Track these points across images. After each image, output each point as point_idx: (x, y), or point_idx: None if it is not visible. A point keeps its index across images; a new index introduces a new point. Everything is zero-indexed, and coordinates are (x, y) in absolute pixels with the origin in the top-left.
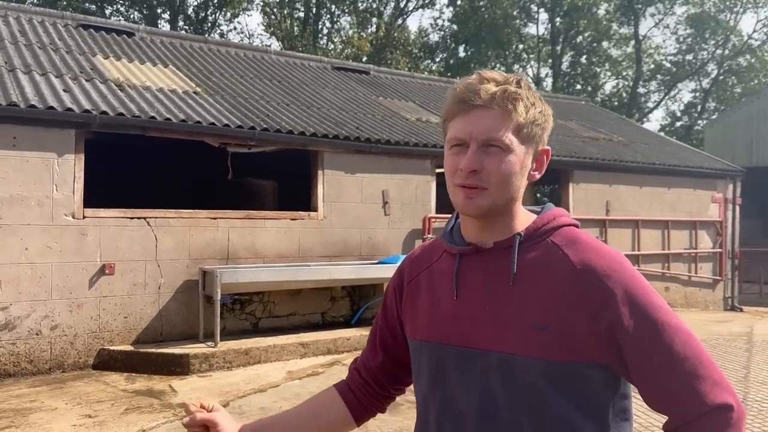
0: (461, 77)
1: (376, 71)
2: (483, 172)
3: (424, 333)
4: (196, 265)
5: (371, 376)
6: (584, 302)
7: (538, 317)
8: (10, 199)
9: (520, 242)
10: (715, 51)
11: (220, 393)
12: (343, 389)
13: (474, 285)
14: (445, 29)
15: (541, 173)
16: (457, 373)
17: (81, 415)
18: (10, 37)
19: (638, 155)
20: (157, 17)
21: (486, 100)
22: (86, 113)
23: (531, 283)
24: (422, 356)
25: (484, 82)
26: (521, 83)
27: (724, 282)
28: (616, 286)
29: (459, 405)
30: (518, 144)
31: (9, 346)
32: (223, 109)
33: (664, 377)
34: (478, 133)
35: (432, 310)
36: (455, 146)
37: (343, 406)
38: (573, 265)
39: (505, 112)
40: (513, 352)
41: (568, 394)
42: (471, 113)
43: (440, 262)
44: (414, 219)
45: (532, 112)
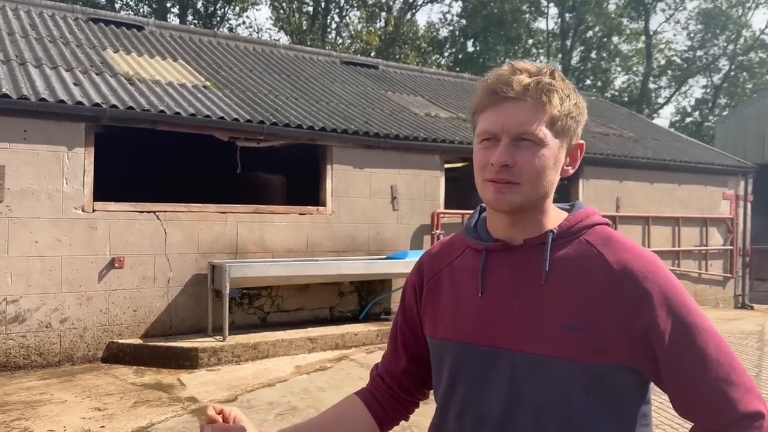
0: (470, 72)
1: (385, 66)
2: (515, 166)
3: (445, 331)
4: (205, 259)
5: (395, 381)
6: (620, 303)
7: (572, 317)
8: (20, 192)
9: (552, 240)
10: (727, 46)
11: (228, 387)
12: (366, 396)
13: (501, 283)
14: (453, 24)
15: (574, 168)
16: (480, 373)
17: (90, 407)
18: (21, 30)
19: (649, 151)
20: (167, 11)
21: (519, 92)
22: (96, 107)
23: (564, 282)
24: (443, 355)
25: (517, 73)
26: (555, 74)
27: (735, 279)
28: (653, 287)
29: (481, 406)
30: (552, 137)
31: (19, 339)
32: (232, 104)
33: (697, 381)
34: (510, 126)
35: (455, 308)
36: (485, 140)
37: (367, 414)
38: (609, 264)
39: (538, 104)
40: (543, 353)
41: (597, 397)
42: (502, 105)
43: (463, 258)
44: (422, 214)
45: (567, 105)
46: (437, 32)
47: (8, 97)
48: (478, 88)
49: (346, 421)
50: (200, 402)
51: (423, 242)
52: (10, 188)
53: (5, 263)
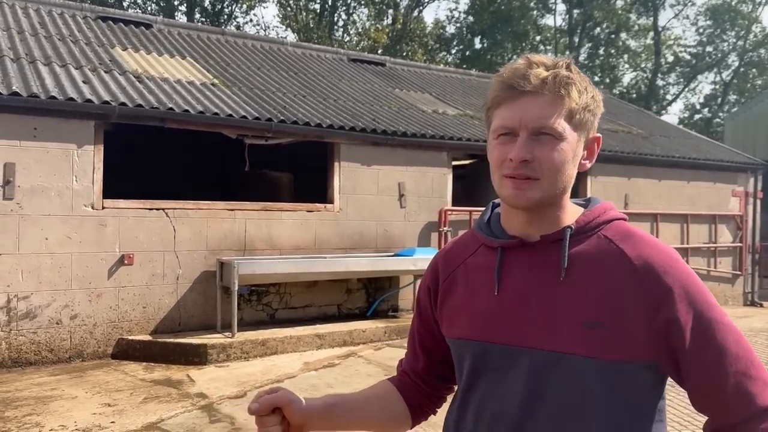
0: (478, 69)
1: (392, 63)
2: (534, 161)
3: (462, 331)
4: (213, 256)
5: (420, 378)
6: (642, 298)
7: (593, 314)
8: (30, 190)
9: (570, 236)
10: (736, 42)
11: (237, 383)
12: (400, 387)
13: (518, 280)
14: (461, 21)
15: (592, 162)
16: (499, 371)
17: (100, 403)
18: (31, 29)
19: (657, 148)
20: (174, 9)
21: (536, 86)
22: (105, 104)
23: (583, 278)
24: (463, 354)
25: (534, 66)
26: (571, 67)
27: (744, 277)
28: (674, 282)
29: (500, 404)
30: (570, 131)
31: (30, 335)
32: (240, 101)
33: (716, 375)
34: (529, 120)
35: (471, 306)
36: (503, 135)
37: (403, 403)
38: (629, 259)
39: (556, 97)
40: (564, 350)
41: (617, 394)
42: (520, 100)
43: (477, 256)
44: (430, 211)
45: (585, 98)
46: (444, 29)
47: (18, 95)
48: (492, 82)
49: (385, 401)
50: (209, 398)
51: (431, 239)
52: (20, 186)
53: (16, 260)
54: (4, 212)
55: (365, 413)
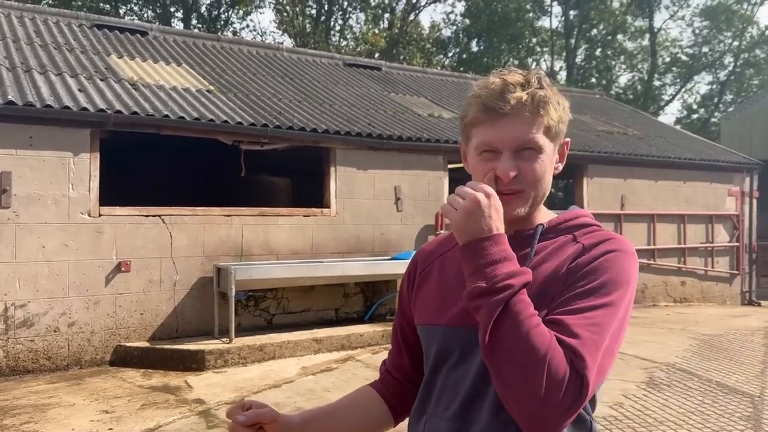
0: (474, 71)
1: (388, 67)
2: (519, 175)
3: (432, 317)
4: (210, 262)
5: (403, 375)
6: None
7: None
8: (27, 198)
9: (541, 233)
10: (732, 43)
11: (235, 388)
12: (379, 387)
13: None
14: (457, 24)
15: (563, 164)
16: (463, 353)
17: (98, 410)
18: (26, 37)
19: (653, 149)
20: (171, 16)
21: (516, 107)
22: (101, 112)
23: (543, 268)
24: (429, 339)
25: (510, 88)
26: (542, 82)
27: (742, 276)
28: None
29: (459, 383)
30: (548, 143)
31: (27, 343)
32: (236, 107)
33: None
34: (511, 140)
35: (442, 293)
36: (486, 152)
37: (381, 402)
38: (582, 246)
39: (535, 117)
40: None
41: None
42: (500, 122)
43: (454, 250)
44: (426, 215)
45: (559, 112)
46: (440, 32)
47: (14, 104)
48: (470, 101)
49: (364, 406)
50: (207, 404)
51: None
52: (16, 194)
53: (13, 268)
54: (0, 221)
55: (344, 423)
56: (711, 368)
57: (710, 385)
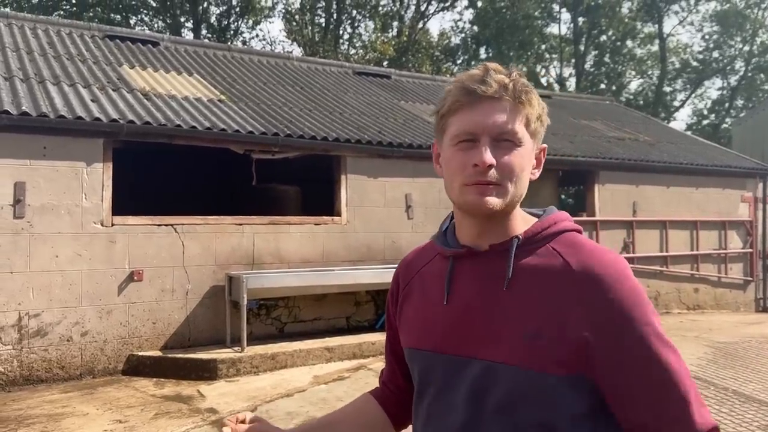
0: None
1: (397, 75)
2: (497, 166)
3: (414, 340)
4: (222, 271)
5: (398, 387)
6: (581, 311)
7: (533, 325)
8: (41, 208)
9: (517, 246)
10: (743, 48)
11: (247, 398)
12: (379, 395)
13: (466, 290)
14: (465, 31)
15: (539, 171)
16: (445, 381)
17: (112, 420)
18: (39, 49)
19: (665, 155)
20: (181, 26)
21: (497, 91)
22: (114, 122)
23: (527, 289)
24: (412, 364)
25: (491, 73)
26: (524, 78)
27: (756, 283)
28: (614, 297)
29: (444, 414)
30: (528, 138)
31: (41, 353)
32: (247, 116)
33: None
34: (491, 125)
35: (423, 315)
36: (463, 141)
37: (381, 411)
38: (573, 272)
39: (516, 104)
40: (504, 361)
41: (550, 406)
42: (480, 105)
43: (431, 264)
44: (437, 222)
45: (538, 108)
46: (449, 40)
47: (28, 115)
48: (450, 89)
49: (364, 417)
50: (220, 413)
51: None
52: (30, 204)
53: (27, 278)
54: (14, 231)
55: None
56: (727, 376)
57: (727, 394)
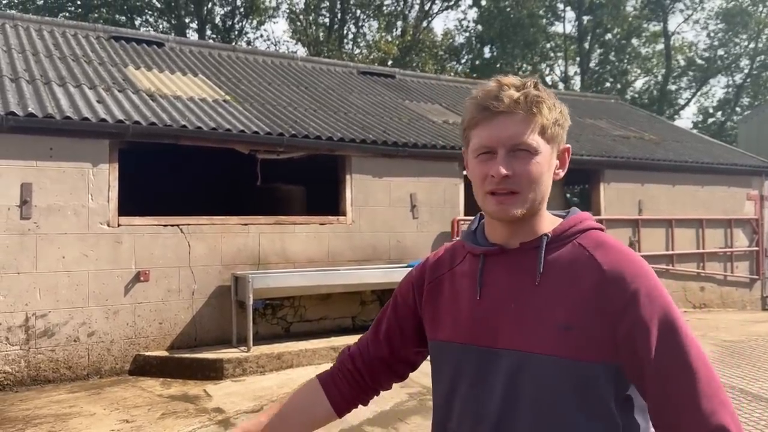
0: (487, 77)
1: (402, 75)
2: (514, 176)
3: (446, 334)
4: (228, 271)
5: (366, 365)
6: (609, 303)
7: (563, 317)
8: (47, 209)
9: (546, 243)
10: (748, 45)
11: (253, 397)
12: (326, 382)
13: (498, 285)
14: (470, 30)
15: (564, 171)
16: (479, 373)
17: (119, 420)
18: (45, 50)
19: (670, 153)
20: (185, 27)
21: (509, 106)
22: (119, 123)
23: (557, 284)
24: (444, 357)
25: (504, 88)
26: (538, 86)
27: (762, 281)
28: (639, 289)
29: (480, 405)
30: (544, 144)
31: (48, 353)
32: (252, 117)
33: (674, 386)
34: (506, 138)
35: (455, 311)
36: (483, 154)
37: (324, 401)
38: (600, 266)
39: (529, 115)
40: (538, 351)
41: (585, 394)
42: (495, 120)
43: (463, 264)
44: (443, 222)
45: (554, 113)
46: (453, 39)
47: (34, 116)
48: (467, 105)
49: (307, 410)
50: (226, 413)
51: None
52: (37, 205)
53: (33, 279)
54: (21, 231)
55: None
56: (734, 375)
57: (733, 393)
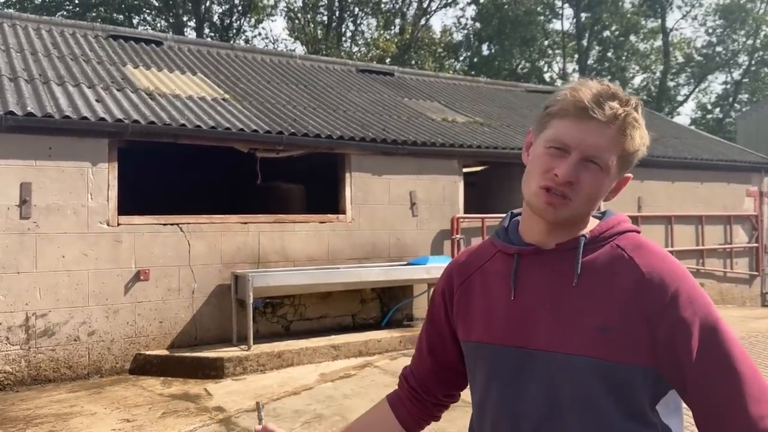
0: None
1: (401, 72)
2: (576, 184)
3: (479, 335)
4: (228, 270)
5: (419, 382)
6: (648, 305)
7: (602, 318)
8: (46, 208)
9: (584, 244)
10: (746, 41)
11: (254, 396)
12: (394, 402)
13: (533, 285)
14: (468, 27)
15: (614, 197)
16: (515, 374)
17: (120, 419)
18: (44, 49)
19: (669, 150)
20: (183, 25)
21: (608, 117)
22: (118, 122)
23: (595, 285)
24: (478, 357)
25: (611, 98)
26: (639, 109)
27: (761, 277)
28: (680, 291)
29: (517, 407)
30: (615, 168)
31: (49, 353)
32: (251, 115)
33: (718, 389)
34: (587, 146)
35: (487, 311)
36: (555, 149)
37: (393, 419)
38: (639, 268)
39: (620, 135)
40: (576, 352)
41: (622, 395)
42: (586, 123)
43: (493, 262)
44: (442, 219)
45: (641, 143)
46: (452, 36)
47: (33, 116)
48: (565, 94)
49: (373, 428)
50: (227, 411)
51: (443, 247)
52: (36, 205)
53: (33, 278)
54: (21, 231)
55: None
56: None
57: None
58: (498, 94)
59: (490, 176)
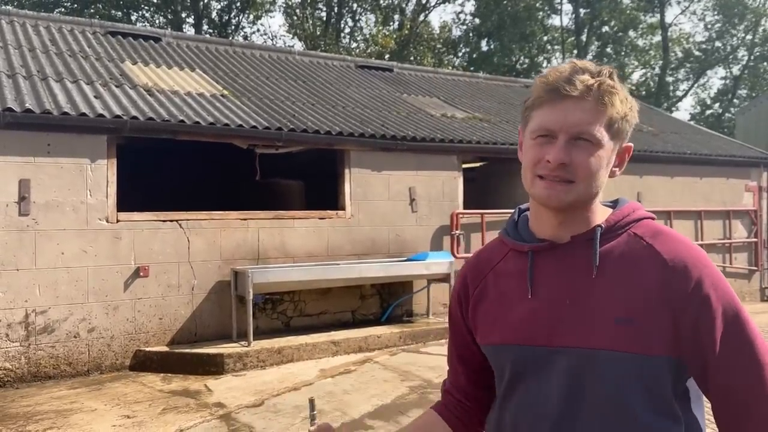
0: (485, 71)
1: (400, 68)
2: (571, 165)
3: (499, 337)
4: (227, 266)
5: (464, 394)
6: (673, 294)
7: (624, 310)
8: (45, 205)
9: (600, 234)
10: (745, 37)
11: (254, 392)
12: (442, 411)
13: (551, 282)
14: (467, 23)
15: (621, 170)
16: (538, 372)
17: (120, 415)
18: (42, 46)
19: (668, 145)
20: (182, 21)
21: (581, 91)
22: (117, 119)
23: (615, 275)
24: (502, 359)
25: (579, 72)
26: (614, 76)
27: (761, 272)
28: (703, 279)
29: (540, 404)
30: (608, 139)
31: (48, 349)
32: (250, 111)
33: (741, 378)
34: (570, 125)
35: (505, 312)
36: (541, 136)
37: (445, 425)
38: (660, 255)
39: (599, 105)
40: (597, 346)
41: (648, 388)
42: (562, 103)
43: (506, 261)
44: (442, 215)
45: (625, 107)
46: (450, 32)
47: (31, 112)
48: (536, 83)
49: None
50: (227, 407)
51: (443, 243)
52: (35, 201)
53: (33, 275)
54: (20, 228)
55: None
56: None
57: None
58: (497, 89)
59: (489, 172)
